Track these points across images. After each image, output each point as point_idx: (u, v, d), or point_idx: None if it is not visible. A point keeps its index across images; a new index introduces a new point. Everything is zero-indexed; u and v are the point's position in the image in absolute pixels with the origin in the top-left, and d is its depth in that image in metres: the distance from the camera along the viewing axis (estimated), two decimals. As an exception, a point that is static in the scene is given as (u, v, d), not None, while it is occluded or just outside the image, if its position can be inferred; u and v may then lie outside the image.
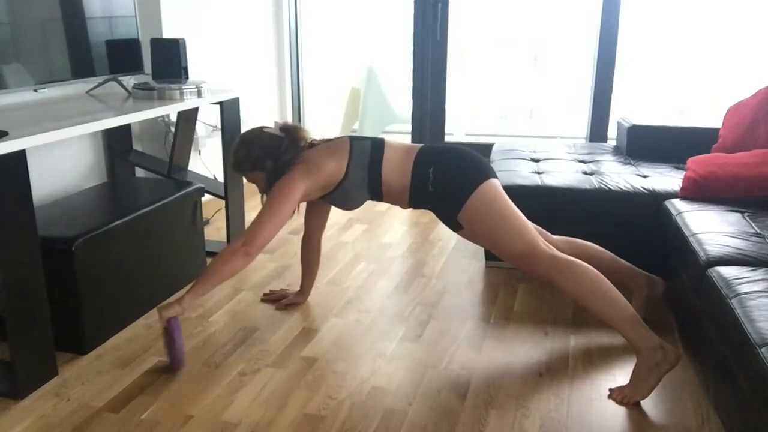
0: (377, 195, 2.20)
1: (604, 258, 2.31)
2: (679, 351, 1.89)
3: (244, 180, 2.41)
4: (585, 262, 2.03)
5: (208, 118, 3.52)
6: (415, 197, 2.18)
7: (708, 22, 4.65)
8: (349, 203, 2.22)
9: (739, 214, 2.28)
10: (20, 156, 1.78)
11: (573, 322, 2.36)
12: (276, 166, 2.16)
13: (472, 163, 2.15)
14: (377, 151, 2.17)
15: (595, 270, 1.98)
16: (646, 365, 1.85)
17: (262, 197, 2.24)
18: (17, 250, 1.81)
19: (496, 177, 2.16)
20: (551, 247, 2.08)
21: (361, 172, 2.15)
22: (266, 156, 2.17)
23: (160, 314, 1.99)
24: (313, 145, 2.23)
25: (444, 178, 2.13)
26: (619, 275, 2.30)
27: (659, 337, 1.88)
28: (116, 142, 2.92)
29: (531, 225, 2.13)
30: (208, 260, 2.85)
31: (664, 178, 2.74)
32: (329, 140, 2.25)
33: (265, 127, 2.25)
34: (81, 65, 2.54)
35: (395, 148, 2.20)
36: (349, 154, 2.15)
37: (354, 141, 2.20)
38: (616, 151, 3.31)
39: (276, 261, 2.94)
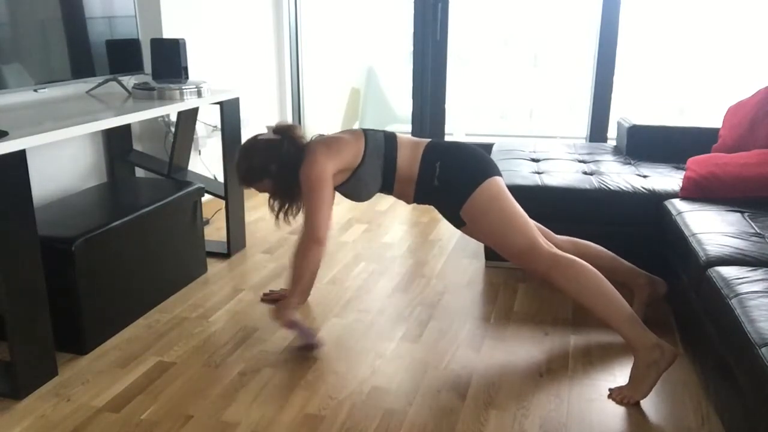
0: (389, 184, 2.22)
1: (605, 258, 2.32)
2: (677, 349, 1.90)
3: None
4: (586, 261, 2.03)
5: (208, 118, 3.52)
6: (421, 191, 2.21)
7: (708, 23, 4.65)
8: (363, 193, 2.23)
9: (739, 214, 2.28)
10: (20, 156, 1.78)
11: (573, 322, 2.36)
12: (282, 167, 2.15)
13: (477, 160, 2.18)
14: (391, 140, 2.20)
15: (594, 269, 2.00)
16: (644, 364, 1.86)
17: (274, 204, 2.23)
18: (17, 250, 1.81)
19: (500, 175, 2.19)
20: (551, 245, 2.09)
21: (377, 160, 2.17)
22: (268, 161, 2.16)
23: (281, 318, 2.13)
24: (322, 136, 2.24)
25: (450, 172, 2.15)
26: (621, 275, 2.30)
27: (659, 337, 1.89)
28: (116, 142, 2.92)
29: (533, 223, 2.15)
30: (208, 260, 2.85)
31: (664, 178, 2.74)
32: (342, 131, 2.27)
33: (259, 134, 2.24)
34: (81, 65, 2.54)
35: (405, 140, 2.23)
36: (365, 142, 2.18)
37: (367, 131, 2.23)
38: (616, 151, 3.31)
39: (276, 261, 2.94)
